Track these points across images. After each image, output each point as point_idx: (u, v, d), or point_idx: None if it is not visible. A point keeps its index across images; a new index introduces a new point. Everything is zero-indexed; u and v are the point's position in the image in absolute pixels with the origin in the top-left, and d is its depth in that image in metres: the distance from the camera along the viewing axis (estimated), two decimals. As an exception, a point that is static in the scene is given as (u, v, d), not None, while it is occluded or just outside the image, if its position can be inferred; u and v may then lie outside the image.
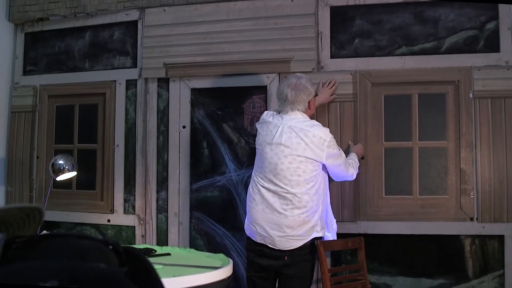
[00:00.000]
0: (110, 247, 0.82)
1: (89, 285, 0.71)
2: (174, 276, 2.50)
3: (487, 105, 3.83)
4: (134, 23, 4.42)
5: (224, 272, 2.67)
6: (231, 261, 2.85)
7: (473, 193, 3.80)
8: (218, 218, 4.16)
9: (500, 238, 3.79)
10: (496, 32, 3.88)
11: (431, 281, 3.83)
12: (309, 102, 3.38)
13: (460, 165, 3.83)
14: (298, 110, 3.35)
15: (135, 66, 4.39)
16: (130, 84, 4.39)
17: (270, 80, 4.10)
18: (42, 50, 4.71)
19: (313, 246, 3.31)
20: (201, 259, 3.07)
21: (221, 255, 3.03)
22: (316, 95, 3.50)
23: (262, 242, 3.29)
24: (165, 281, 2.45)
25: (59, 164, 3.88)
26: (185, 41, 4.25)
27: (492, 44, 3.88)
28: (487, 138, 3.81)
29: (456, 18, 3.93)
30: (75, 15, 4.56)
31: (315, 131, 3.28)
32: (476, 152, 3.81)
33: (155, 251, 3.21)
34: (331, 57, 4.04)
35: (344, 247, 3.55)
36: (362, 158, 3.84)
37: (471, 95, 3.83)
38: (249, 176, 4.07)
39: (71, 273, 0.71)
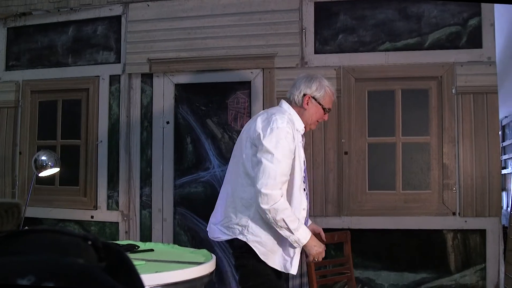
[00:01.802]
0: (89, 242, 0.81)
1: (67, 280, 0.70)
2: (156, 272, 2.48)
3: (469, 100, 3.85)
4: (117, 18, 4.39)
5: (206, 268, 2.65)
6: (214, 256, 2.84)
7: (455, 188, 3.83)
8: (202, 214, 4.14)
9: (482, 232, 3.83)
10: (478, 28, 3.91)
11: (414, 275, 3.86)
12: (304, 96, 2.94)
13: (443, 160, 3.86)
14: (290, 99, 2.99)
15: (119, 62, 4.37)
16: (114, 79, 4.37)
17: (254, 76, 4.09)
18: (25, 45, 4.66)
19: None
20: (184, 254, 3.05)
21: (204, 251, 3.02)
22: (321, 105, 2.98)
23: None
24: (147, 277, 2.44)
25: (41, 160, 3.84)
26: (169, 36, 4.24)
27: (475, 40, 3.91)
28: (470, 133, 3.84)
29: (439, 14, 3.95)
30: (58, 10, 4.52)
31: (258, 122, 2.84)
32: (458, 147, 3.84)
33: (138, 247, 3.19)
34: (315, 53, 4.04)
35: (330, 241, 3.48)
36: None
37: (453, 91, 3.85)
38: (233, 172, 4.07)
39: (49, 269, 0.71)
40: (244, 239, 2.81)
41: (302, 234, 2.76)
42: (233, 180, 2.93)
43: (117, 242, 3.22)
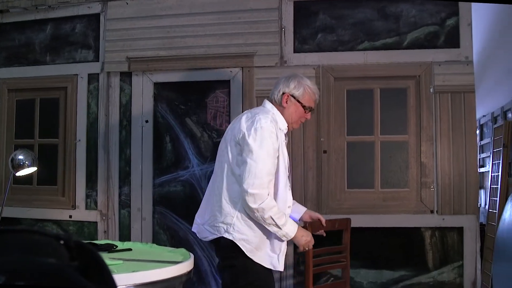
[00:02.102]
0: (61, 242, 0.81)
1: (37, 280, 0.70)
2: (133, 271, 2.46)
3: (447, 99, 3.89)
4: (96, 16, 4.36)
5: (184, 267, 2.64)
6: (192, 255, 2.83)
7: (433, 186, 3.87)
8: (181, 213, 4.14)
9: (460, 230, 3.87)
10: (456, 28, 3.95)
11: (392, 273, 3.89)
12: (283, 95, 2.96)
13: (421, 158, 3.89)
14: (271, 96, 3.02)
15: (97, 60, 4.33)
16: (92, 78, 4.33)
17: (233, 75, 4.09)
18: (2, 43, 4.61)
19: None
20: (162, 254, 3.03)
21: (183, 250, 3.01)
22: (301, 103, 2.98)
23: None
24: (124, 276, 2.42)
25: (18, 159, 3.79)
26: (148, 34, 4.22)
27: (452, 40, 3.95)
28: (447, 132, 3.87)
29: (417, 14, 3.98)
30: (36, 8, 4.48)
31: (243, 122, 2.85)
32: (436, 145, 3.88)
33: (116, 246, 3.17)
34: (294, 52, 4.05)
35: (331, 228, 3.41)
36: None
37: (431, 90, 3.88)
38: (212, 171, 4.07)
39: (19, 268, 0.70)
40: (230, 237, 2.81)
41: (290, 228, 2.81)
42: (218, 179, 2.92)
43: (95, 241, 3.19)
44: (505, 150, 5.14)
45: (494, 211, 5.27)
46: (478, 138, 6.55)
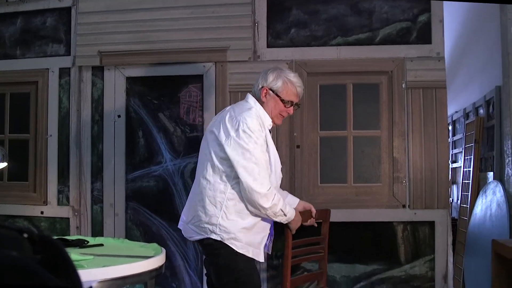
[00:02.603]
0: (25, 235, 0.80)
1: None
2: (104, 266, 2.44)
3: (419, 95, 3.93)
4: (67, 10, 4.30)
5: (155, 262, 2.62)
6: (164, 250, 2.81)
7: (405, 181, 3.90)
8: (154, 209, 4.12)
9: (431, 224, 3.91)
10: (428, 24, 3.99)
11: (365, 267, 3.92)
12: (262, 89, 2.90)
13: (393, 153, 3.92)
14: (252, 93, 2.97)
15: (69, 54, 4.28)
16: (64, 72, 4.28)
17: (206, 69, 4.07)
18: (-29, 36, 4.53)
19: None
20: (134, 249, 3.01)
21: (155, 245, 2.99)
22: (280, 98, 2.92)
23: None
24: (95, 271, 2.40)
25: (-12, 154, 3.74)
26: (120, 28, 4.18)
27: (424, 36, 3.98)
28: (419, 127, 3.91)
29: (390, 10, 4.01)
30: (6, 0, 4.40)
31: (227, 122, 2.81)
32: (408, 141, 3.91)
33: (88, 242, 3.14)
34: (268, 47, 4.05)
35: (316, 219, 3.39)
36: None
37: (403, 85, 3.91)
38: (185, 166, 4.07)
39: None
40: (219, 238, 2.81)
41: (291, 212, 2.90)
42: (201, 179, 2.88)
43: (67, 237, 3.16)
44: (476, 145, 5.21)
45: (466, 205, 5.35)
46: (450, 133, 6.63)
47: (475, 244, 4.69)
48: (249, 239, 2.85)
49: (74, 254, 2.52)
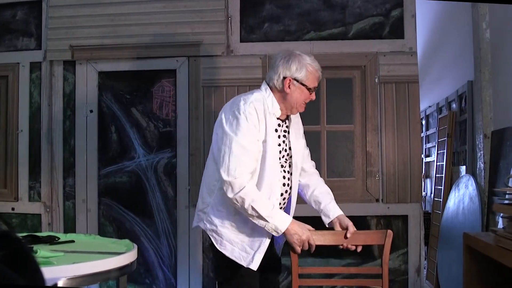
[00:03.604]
0: None
1: None
2: (74, 263, 2.42)
3: (391, 89, 3.95)
4: (38, 3, 4.23)
5: (126, 258, 2.60)
6: (135, 246, 2.79)
7: (378, 175, 3.93)
8: (128, 204, 4.09)
9: (404, 218, 3.94)
10: (400, 19, 4.01)
11: (339, 261, 3.93)
12: (284, 79, 2.63)
13: (366, 148, 3.94)
14: (269, 82, 2.69)
15: (40, 48, 4.21)
16: (35, 66, 4.21)
17: (179, 64, 4.04)
18: None
19: None
20: (106, 245, 2.98)
21: (127, 241, 2.96)
22: (305, 86, 2.67)
23: None
24: (64, 268, 2.37)
25: (-44, 150, 3.68)
26: (92, 22, 4.12)
27: (397, 31, 4.01)
28: (392, 122, 3.93)
29: (363, 4, 4.02)
30: (-26, -6, 4.33)
31: (226, 106, 2.65)
32: (381, 135, 3.94)
33: (58, 238, 3.11)
34: (241, 41, 4.04)
35: None
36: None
37: (376, 80, 3.93)
38: (159, 161, 4.04)
39: None
40: (203, 227, 2.68)
41: (279, 220, 2.50)
42: (205, 168, 2.76)
43: (37, 234, 3.12)
44: (449, 140, 5.27)
45: (439, 199, 5.41)
46: (424, 128, 6.70)
47: (448, 237, 4.74)
48: (231, 237, 2.62)
49: (44, 251, 2.48)
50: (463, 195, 4.54)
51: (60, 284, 2.22)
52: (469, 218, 4.35)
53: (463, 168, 4.93)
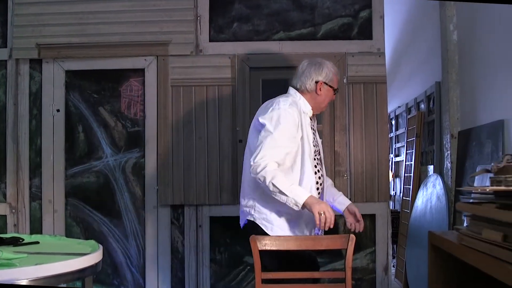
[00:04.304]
0: None
1: None
2: (36, 264, 2.38)
3: (360, 90, 3.98)
4: (3, 1, 4.16)
5: (91, 259, 2.57)
6: (101, 247, 2.76)
7: (346, 174, 3.95)
8: (95, 205, 4.05)
9: (372, 217, 3.97)
10: (369, 20, 4.05)
11: (308, 261, 3.94)
12: (317, 83, 3.02)
13: (335, 148, 3.96)
14: (300, 87, 3.04)
15: (5, 46, 4.14)
16: (0, 65, 4.14)
17: (147, 63, 4.02)
18: None
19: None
20: (71, 246, 2.94)
21: (92, 242, 2.93)
22: (335, 89, 3.09)
23: None
24: (26, 269, 2.33)
25: None
26: (60, 20, 4.07)
27: (365, 32, 4.04)
28: (360, 122, 3.96)
29: (331, 5, 4.05)
30: None
31: (263, 108, 2.99)
32: (349, 135, 3.96)
33: (23, 239, 3.06)
34: (210, 41, 4.03)
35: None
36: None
37: (345, 80, 3.96)
38: (127, 161, 4.01)
39: None
40: (252, 219, 2.91)
41: (298, 193, 2.73)
42: (244, 168, 3.04)
43: (1, 235, 3.06)
44: (417, 140, 5.33)
45: (408, 198, 5.47)
46: (393, 128, 6.76)
47: (416, 236, 4.79)
48: (280, 223, 2.88)
49: (7, 253, 2.44)
50: (430, 194, 4.59)
51: (20, 286, 2.19)
52: (437, 217, 4.40)
53: (431, 168, 4.99)
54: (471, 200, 2.68)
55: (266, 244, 2.75)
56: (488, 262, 1.76)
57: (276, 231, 2.87)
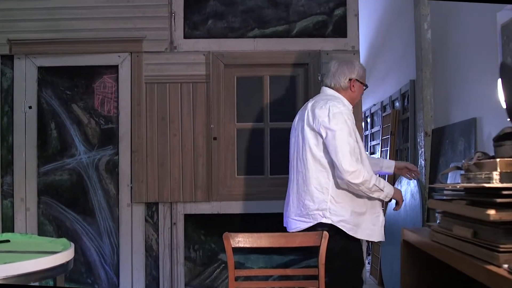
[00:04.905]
0: None
1: None
2: (5, 263, 2.35)
3: (334, 87, 3.98)
4: (-26, -5, 4.11)
5: (61, 257, 2.54)
6: (72, 245, 2.73)
7: (321, 172, 3.95)
8: (68, 203, 4.01)
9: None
10: (343, 18, 4.06)
11: (282, 258, 3.96)
12: (350, 80, 3.19)
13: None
14: (335, 85, 3.21)
15: (-24, 42, 4.08)
16: (-30, 60, 4.09)
17: (121, 60, 3.99)
18: None
19: None
20: (42, 244, 2.91)
21: (64, 240, 2.90)
22: (364, 85, 3.28)
23: None
24: (-4, 268, 2.26)
25: None
26: (32, 16, 4.02)
27: (340, 30, 4.06)
28: (334, 119, 3.96)
29: (306, 3, 4.06)
30: None
31: (316, 111, 3.04)
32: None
33: (-7, 238, 3.02)
34: (184, 37, 4.01)
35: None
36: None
37: (320, 78, 3.97)
38: (100, 158, 3.98)
39: None
40: (329, 221, 2.98)
41: (389, 188, 3.05)
42: (303, 170, 3.07)
43: (-29, 234, 3.02)
44: (392, 137, 5.37)
45: (383, 196, 5.48)
46: (369, 126, 6.80)
47: (391, 233, 4.80)
48: (357, 221, 3.02)
49: (-24, 252, 2.41)
50: (405, 192, 4.63)
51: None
52: (411, 214, 4.44)
53: (405, 165, 5.01)
54: (444, 197, 2.71)
55: (239, 242, 2.76)
56: (459, 258, 1.77)
57: (355, 230, 3.02)
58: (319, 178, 3.02)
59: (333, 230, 2.93)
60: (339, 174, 2.92)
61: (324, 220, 3.00)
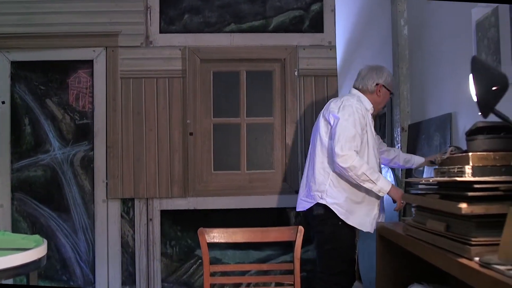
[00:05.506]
0: None
1: None
2: (-25, 261, 2.31)
3: (310, 82, 4.00)
4: None
5: (33, 254, 2.51)
6: (45, 241, 2.70)
7: (298, 167, 3.96)
8: (43, 199, 3.95)
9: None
10: (320, 13, 4.07)
11: (259, 253, 3.96)
12: (377, 85, 3.39)
13: (286, 140, 3.98)
14: (362, 87, 3.41)
15: None
16: None
17: (96, 54, 3.94)
18: None
19: None
20: (14, 241, 2.87)
21: (37, 236, 2.86)
22: (391, 92, 3.49)
23: None
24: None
25: None
26: (5, 9, 3.95)
27: (317, 25, 4.07)
28: (311, 115, 3.98)
29: (283, -2, 4.06)
30: None
31: (332, 105, 3.30)
32: (300, 128, 3.98)
33: (-36, 235, 2.97)
34: (160, 32, 3.99)
35: None
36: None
37: (296, 73, 3.97)
38: (75, 154, 3.94)
39: None
40: (324, 202, 3.20)
41: (384, 183, 3.16)
42: (313, 156, 3.31)
43: None
44: (370, 132, 5.37)
45: (360, 191, 5.50)
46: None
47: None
48: (352, 208, 3.20)
49: None
50: (381, 187, 4.64)
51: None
52: (388, 209, 4.45)
53: (382, 160, 5.03)
54: (418, 192, 2.73)
55: (214, 237, 2.75)
56: (432, 252, 1.78)
57: (347, 215, 3.19)
58: (324, 162, 3.24)
59: (328, 212, 3.19)
60: (332, 157, 3.13)
61: (320, 201, 3.21)
